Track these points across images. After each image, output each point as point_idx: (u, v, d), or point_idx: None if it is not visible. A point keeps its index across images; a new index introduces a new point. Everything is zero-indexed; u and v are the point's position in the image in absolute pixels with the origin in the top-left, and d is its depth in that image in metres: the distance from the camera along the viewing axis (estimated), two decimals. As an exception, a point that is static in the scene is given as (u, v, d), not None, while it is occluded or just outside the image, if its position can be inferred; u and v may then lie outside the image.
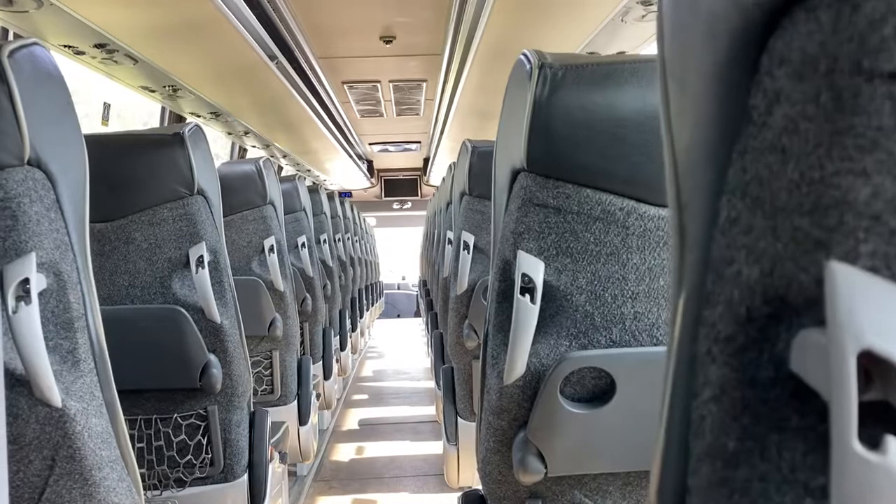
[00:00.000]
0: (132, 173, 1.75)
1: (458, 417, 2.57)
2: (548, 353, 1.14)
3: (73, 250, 1.07)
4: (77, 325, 1.06)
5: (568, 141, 1.10)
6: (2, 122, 0.94)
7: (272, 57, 3.36)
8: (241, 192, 2.68)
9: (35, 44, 1.04)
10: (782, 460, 0.34)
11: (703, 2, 0.38)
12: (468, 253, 2.33)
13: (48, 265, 1.01)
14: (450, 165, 3.18)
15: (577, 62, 1.10)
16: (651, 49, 3.02)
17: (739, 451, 0.35)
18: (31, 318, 0.96)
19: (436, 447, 3.96)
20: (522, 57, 1.15)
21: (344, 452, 3.96)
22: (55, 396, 0.99)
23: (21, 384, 0.98)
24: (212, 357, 1.82)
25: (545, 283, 1.12)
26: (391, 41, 4.22)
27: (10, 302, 0.94)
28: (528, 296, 1.11)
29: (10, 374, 0.96)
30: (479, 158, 2.30)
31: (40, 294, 0.99)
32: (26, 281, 0.96)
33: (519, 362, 1.12)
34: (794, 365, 0.33)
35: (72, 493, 1.05)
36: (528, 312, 1.11)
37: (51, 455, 1.02)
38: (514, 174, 1.17)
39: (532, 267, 1.11)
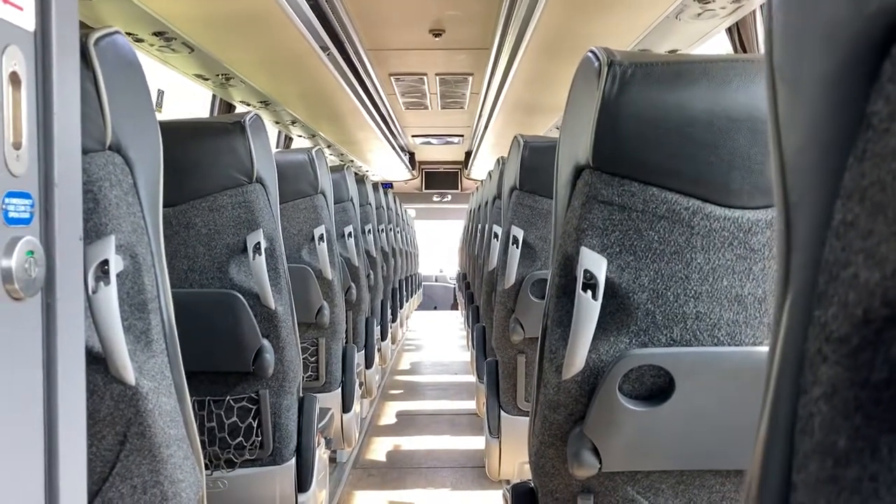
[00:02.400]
0: (193, 160, 1.79)
1: (502, 411, 2.58)
2: (607, 350, 1.14)
3: (148, 234, 1.10)
4: (151, 306, 1.09)
5: (635, 139, 1.10)
6: (87, 108, 0.97)
7: (324, 48, 3.40)
8: (294, 181, 2.71)
9: (116, 32, 1.07)
10: (894, 461, 0.34)
11: (822, 7, 0.39)
12: (517, 247, 2.34)
13: (125, 247, 1.05)
14: (498, 159, 3.19)
15: (647, 60, 1.10)
16: (703, 49, 2.99)
17: (850, 450, 0.36)
18: (109, 298, 0.99)
19: (473, 440, 3.97)
20: (590, 54, 1.15)
21: (382, 442, 4.00)
22: (129, 375, 1.02)
23: (97, 362, 1.02)
24: (265, 342, 1.85)
25: (607, 280, 1.12)
26: (440, 34, 4.24)
27: (91, 282, 0.97)
28: (589, 292, 1.11)
29: (87, 352, 1.00)
30: (532, 153, 2.31)
31: (117, 275, 1.02)
32: (105, 262, 0.99)
33: (578, 358, 1.13)
34: None
35: (140, 469, 1.09)
36: (589, 308, 1.11)
37: (123, 431, 1.06)
38: (578, 170, 1.18)
39: (595, 263, 1.11)
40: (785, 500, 0.39)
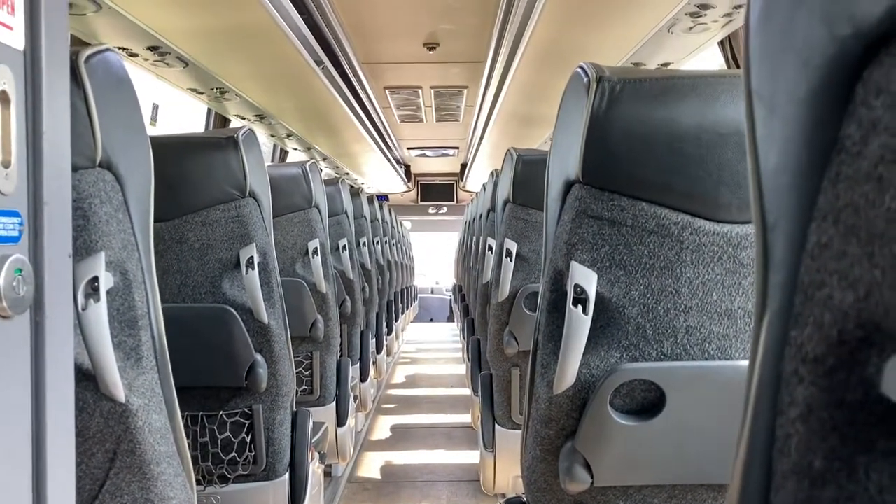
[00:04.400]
0: (186, 175, 1.79)
1: (496, 424, 2.58)
2: (598, 365, 1.15)
3: (138, 250, 1.10)
4: (141, 323, 1.09)
5: (624, 154, 1.10)
6: (77, 126, 0.98)
7: (318, 62, 3.41)
8: (288, 194, 2.72)
9: (108, 49, 1.08)
10: (870, 481, 0.35)
11: (798, 30, 0.39)
12: (510, 260, 2.34)
13: (116, 264, 1.05)
14: (492, 172, 3.19)
15: (635, 76, 1.11)
16: (694, 63, 3.01)
17: (826, 471, 0.36)
18: (99, 315, 0.99)
19: (469, 453, 3.96)
20: (580, 70, 1.16)
21: (377, 456, 3.99)
22: (119, 392, 1.02)
23: (87, 379, 1.01)
24: (258, 357, 1.85)
25: (597, 294, 1.13)
26: (434, 48, 4.26)
27: (80, 299, 0.97)
28: (580, 307, 1.11)
29: (77, 369, 0.99)
30: (524, 166, 2.32)
31: (108, 292, 1.02)
32: (95, 279, 0.99)
33: (569, 372, 1.13)
34: (886, 388, 0.34)
35: (130, 486, 1.08)
36: (580, 323, 1.11)
37: (112, 448, 1.06)
38: (568, 185, 1.18)
39: (585, 278, 1.12)
40: None
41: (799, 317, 0.38)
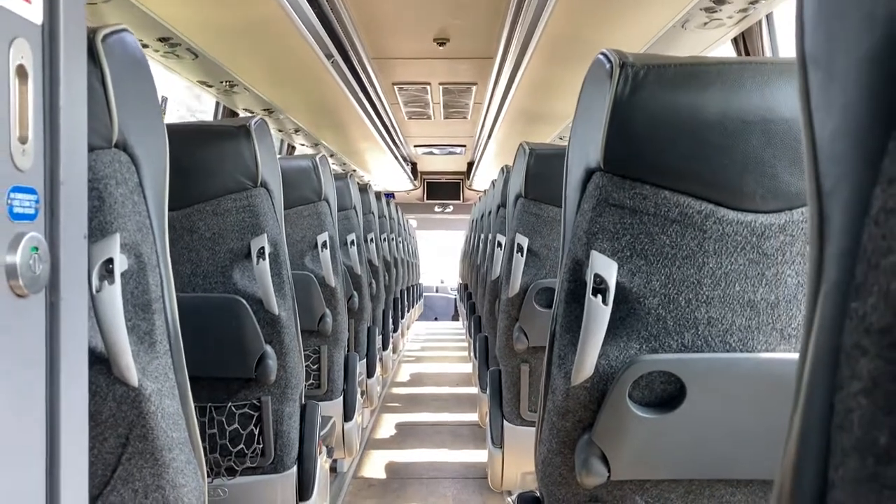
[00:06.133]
0: (198, 163, 1.78)
1: (505, 420, 2.56)
2: (617, 356, 1.13)
3: (153, 233, 1.09)
4: (155, 307, 1.07)
5: (647, 141, 1.08)
6: (93, 105, 0.96)
7: (328, 56, 3.40)
8: (298, 187, 2.70)
9: (125, 30, 1.06)
10: None
11: None
12: (521, 256, 2.32)
13: (130, 247, 1.03)
14: (503, 168, 3.18)
15: (660, 62, 1.09)
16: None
17: (891, 447, 0.34)
18: (113, 297, 0.98)
19: (474, 452, 3.95)
20: (601, 56, 1.14)
21: (383, 452, 3.98)
22: (132, 376, 1.01)
23: (100, 362, 1.00)
24: (268, 348, 1.84)
25: (617, 284, 1.11)
26: (444, 43, 4.25)
27: (95, 281, 0.96)
28: (599, 297, 1.10)
29: (90, 352, 0.98)
30: (537, 161, 2.30)
31: (122, 275, 1.01)
32: (110, 261, 0.98)
33: (588, 363, 1.11)
34: None
35: (142, 472, 1.07)
36: (599, 313, 1.10)
37: (125, 433, 1.04)
38: (589, 174, 1.16)
39: (605, 268, 1.10)
40: (821, 497, 0.38)
41: (861, 287, 0.36)
